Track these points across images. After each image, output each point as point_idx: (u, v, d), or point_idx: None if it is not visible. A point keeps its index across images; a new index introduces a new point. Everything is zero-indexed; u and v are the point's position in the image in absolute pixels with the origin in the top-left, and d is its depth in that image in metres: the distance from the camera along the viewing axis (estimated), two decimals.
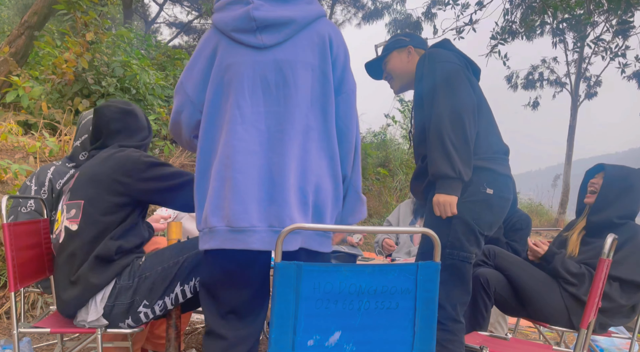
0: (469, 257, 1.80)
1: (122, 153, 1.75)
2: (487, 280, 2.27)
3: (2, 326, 2.87)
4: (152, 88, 6.06)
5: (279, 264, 1.16)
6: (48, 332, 1.71)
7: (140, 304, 1.68)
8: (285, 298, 1.17)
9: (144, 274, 1.70)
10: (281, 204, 1.38)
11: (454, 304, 1.81)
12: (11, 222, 1.80)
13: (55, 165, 2.30)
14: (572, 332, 2.25)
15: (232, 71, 1.43)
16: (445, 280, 1.80)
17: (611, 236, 1.85)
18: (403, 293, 1.24)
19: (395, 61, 2.11)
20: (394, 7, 13.74)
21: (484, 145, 1.85)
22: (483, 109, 1.91)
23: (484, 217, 1.79)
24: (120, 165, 1.70)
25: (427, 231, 1.24)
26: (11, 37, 5.75)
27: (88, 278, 1.64)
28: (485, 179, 1.80)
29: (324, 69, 1.46)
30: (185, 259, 1.73)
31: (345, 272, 1.19)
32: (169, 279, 1.71)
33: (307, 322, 1.18)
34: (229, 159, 1.39)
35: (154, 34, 16.77)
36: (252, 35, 1.42)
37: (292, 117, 1.41)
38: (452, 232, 1.78)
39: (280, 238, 1.17)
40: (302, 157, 1.41)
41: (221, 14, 1.48)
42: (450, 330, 1.79)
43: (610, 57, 10.77)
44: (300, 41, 1.44)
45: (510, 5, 8.95)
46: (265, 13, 1.41)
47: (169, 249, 1.78)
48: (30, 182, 2.24)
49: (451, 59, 1.85)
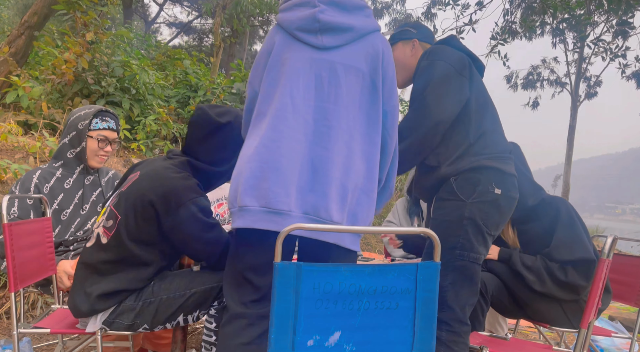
0: (478, 258, 1.78)
1: (177, 181, 1.60)
2: (484, 283, 2.26)
3: (2, 326, 2.87)
4: (152, 88, 6.07)
5: (279, 264, 1.16)
6: (48, 332, 1.71)
7: (140, 327, 1.65)
8: (285, 298, 1.16)
9: (148, 299, 1.65)
10: (320, 195, 1.41)
11: (463, 306, 1.79)
12: (11, 222, 1.79)
13: (42, 169, 2.24)
14: (572, 332, 2.25)
15: (288, 64, 1.50)
16: (455, 281, 1.79)
17: (611, 236, 1.84)
18: (403, 293, 1.24)
19: (399, 52, 2.08)
20: (394, 7, 13.76)
21: (490, 144, 1.83)
22: (488, 107, 1.89)
23: (492, 218, 1.78)
24: (163, 190, 1.58)
25: (427, 231, 1.24)
26: (11, 37, 5.75)
27: (95, 303, 1.60)
28: (493, 179, 1.78)
29: (374, 79, 1.53)
30: (193, 294, 1.67)
31: (344, 272, 1.19)
32: (173, 308, 1.66)
33: (306, 322, 1.18)
34: (275, 143, 1.42)
35: (154, 34, 16.77)
36: (314, 36, 1.51)
37: (339, 115, 1.47)
38: (463, 233, 1.76)
39: (280, 238, 1.17)
40: (347, 155, 1.46)
41: (287, 13, 1.57)
42: (457, 331, 1.77)
43: (610, 57, 10.77)
44: (356, 49, 1.52)
45: (510, 5, 8.95)
46: (329, 17, 1.50)
47: (179, 277, 1.71)
48: (16, 188, 2.17)
49: (449, 59, 1.83)
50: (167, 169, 1.64)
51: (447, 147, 1.84)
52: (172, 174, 1.62)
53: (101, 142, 2.30)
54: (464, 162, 1.81)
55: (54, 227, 2.22)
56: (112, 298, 1.62)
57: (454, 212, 1.78)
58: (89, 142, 2.28)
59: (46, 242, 2.01)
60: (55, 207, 2.21)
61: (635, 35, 8.70)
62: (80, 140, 2.26)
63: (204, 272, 1.73)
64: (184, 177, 1.62)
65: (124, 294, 1.63)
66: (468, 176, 1.80)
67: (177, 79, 7.32)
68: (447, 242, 1.76)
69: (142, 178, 1.63)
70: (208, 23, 17.79)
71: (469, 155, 1.82)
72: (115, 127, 2.37)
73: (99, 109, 2.33)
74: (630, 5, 6.87)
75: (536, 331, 3.53)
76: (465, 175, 1.80)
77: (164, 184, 1.58)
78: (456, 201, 1.78)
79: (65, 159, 2.28)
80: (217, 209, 2.87)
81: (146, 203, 1.57)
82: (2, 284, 2.99)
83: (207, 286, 1.69)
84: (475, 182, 1.77)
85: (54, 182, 2.23)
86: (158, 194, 1.57)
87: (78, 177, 2.30)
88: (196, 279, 1.69)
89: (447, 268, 1.76)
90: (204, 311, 1.71)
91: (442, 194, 1.83)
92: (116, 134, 2.36)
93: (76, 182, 2.29)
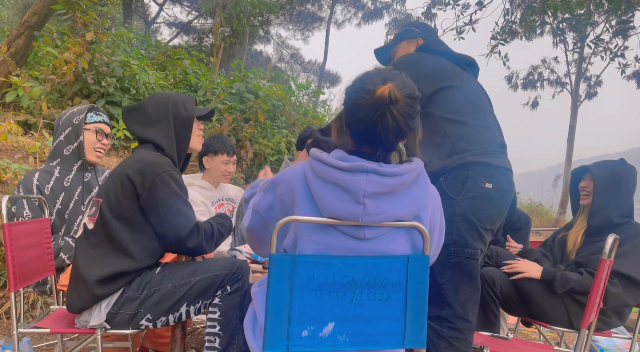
0: (474, 254, 1.78)
1: (150, 157, 1.71)
2: (492, 279, 2.27)
3: (2, 326, 2.87)
4: (151, 88, 6.06)
5: (274, 256, 1.19)
6: (48, 332, 1.70)
7: (143, 317, 1.67)
8: (280, 289, 1.19)
9: (153, 287, 1.67)
10: None
11: (463, 302, 1.79)
12: (11, 222, 1.79)
13: (39, 171, 2.25)
14: (572, 333, 2.25)
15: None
16: (453, 278, 1.78)
17: (612, 236, 1.84)
18: (394, 285, 1.26)
19: (402, 51, 2.09)
20: (394, 7, 13.76)
21: (477, 139, 1.83)
22: (474, 104, 1.89)
23: (485, 212, 1.78)
24: (139, 168, 1.67)
25: (417, 224, 1.26)
26: (11, 37, 5.74)
27: (94, 288, 1.62)
28: (483, 173, 1.78)
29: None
30: (197, 281, 1.70)
31: (338, 264, 1.22)
32: (177, 297, 1.68)
33: (301, 312, 1.21)
34: None
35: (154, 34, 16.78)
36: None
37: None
38: (455, 230, 1.76)
39: (276, 230, 1.21)
40: None
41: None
42: (458, 328, 1.77)
43: (610, 57, 10.78)
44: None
45: (510, 5, 8.95)
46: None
47: (183, 267, 1.74)
48: (18, 191, 2.19)
49: (416, 65, 1.86)
50: (140, 153, 1.75)
51: (428, 149, 1.83)
52: (145, 155, 1.73)
53: (99, 134, 2.34)
54: (450, 160, 1.82)
55: (59, 226, 2.23)
56: (111, 283, 1.63)
57: (446, 211, 1.77)
58: (86, 135, 2.30)
59: (45, 242, 2.01)
60: (59, 206, 2.22)
61: (635, 35, 8.70)
62: (77, 134, 2.28)
63: (208, 261, 1.77)
64: (157, 155, 1.75)
65: (124, 279, 1.65)
66: (456, 173, 1.81)
67: (177, 79, 7.32)
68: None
69: (119, 164, 1.74)
70: (208, 23, 17.80)
71: (455, 152, 1.82)
72: (109, 122, 2.43)
73: (91, 105, 2.38)
74: (631, 5, 6.87)
75: (536, 331, 3.53)
76: (453, 173, 1.81)
77: (140, 160, 1.69)
78: (447, 199, 1.78)
79: (62, 157, 2.29)
80: (217, 210, 2.87)
81: (124, 179, 1.66)
82: (2, 284, 2.99)
83: (211, 273, 1.72)
84: (464, 179, 1.78)
85: (54, 183, 2.23)
86: (134, 170, 1.66)
87: (77, 173, 2.31)
88: (200, 267, 1.74)
89: (443, 266, 1.77)
90: (206, 301, 1.73)
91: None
92: (109, 129, 2.42)
93: (75, 179, 2.30)
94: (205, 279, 1.71)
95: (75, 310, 1.68)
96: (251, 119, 6.62)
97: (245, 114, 6.71)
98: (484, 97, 1.96)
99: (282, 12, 19.57)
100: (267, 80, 9.09)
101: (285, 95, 7.72)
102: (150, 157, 1.70)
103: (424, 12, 10.50)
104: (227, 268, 1.73)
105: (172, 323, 1.73)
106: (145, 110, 1.84)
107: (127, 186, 1.65)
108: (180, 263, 1.77)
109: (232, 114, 6.48)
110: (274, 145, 6.64)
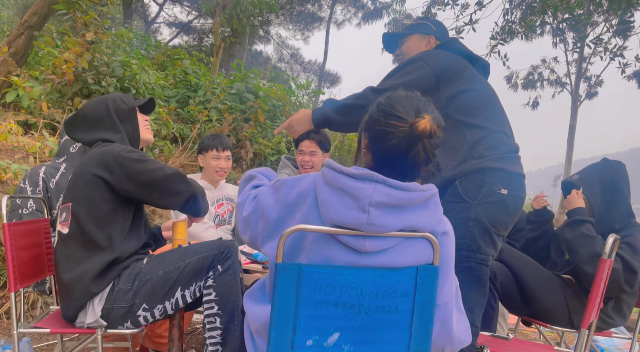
0: (485, 259, 1.78)
1: (103, 148, 1.73)
2: (493, 272, 2.27)
3: (2, 326, 2.87)
4: (151, 88, 6.06)
5: (280, 265, 1.16)
6: (48, 332, 1.70)
7: (139, 307, 1.67)
8: (285, 298, 1.16)
9: (144, 277, 1.68)
10: None
11: (471, 307, 1.77)
12: (11, 222, 1.79)
13: (46, 165, 2.29)
14: (572, 333, 2.25)
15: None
16: (461, 283, 1.78)
17: (612, 236, 1.84)
18: (403, 297, 1.23)
19: (413, 44, 2.06)
20: (393, 7, 13.76)
21: (494, 144, 1.82)
22: (492, 107, 1.88)
23: (500, 218, 1.77)
24: (100, 160, 1.69)
25: (428, 235, 1.23)
26: (11, 37, 5.74)
27: (84, 285, 1.62)
28: (499, 179, 1.77)
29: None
30: (187, 264, 1.72)
31: (346, 275, 1.18)
32: (170, 283, 1.69)
33: (306, 322, 1.18)
34: None
35: (154, 34, 16.77)
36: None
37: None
38: (469, 235, 1.75)
39: (283, 238, 1.17)
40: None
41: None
42: None
43: (610, 57, 10.78)
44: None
45: (510, 5, 8.95)
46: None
47: (170, 253, 1.76)
48: (24, 184, 2.22)
49: (433, 64, 1.83)
50: (92, 150, 1.77)
51: (445, 151, 1.82)
52: (96, 149, 1.75)
53: None
54: (468, 164, 1.80)
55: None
56: (100, 279, 1.64)
57: (460, 214, 1.77)
58: None
59: (45, 242, 2.01)
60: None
61: (635, 35, 8.70)
62: None
63: (193, 245, 1.79)
64: (107, 144, 1.76)
65: (111, 272, 1.66)
66: (473, 177, 1.79)
67: (177, 79, 7.32)
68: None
69: (76, 168, 1.76)
70: (208, 23, 17.79)
71: (472, 157, 1.81)
72: None
73: None
74: (630, 5, 6.87)
75: (536, 331, 3.53)
76: (469, 177, 1.80)
77: (94, 155, 1.71)
78: (462, 203, 1.78)
79: (69, 154, 2.32)
80: (217, 209, 2.87)
81: (90, 177, 1.67)
82: (2, 284, 2.99)
83: (199, 255, 1.73)
84: (480, 184, 1.77)
85: (59, 178, 2.26)
86: (94, 164, 1.68)
87: None
88: (187, 252, 1.75)
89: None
90: (200, 283, 1.74)
91: (449, 197, 1.83)
92: None
93: None
94: (194, 262, 1.72)
95: (70, 315, 1.68)
96: (251, 119, 6.61)
97: (245, 114, 6.71)
98: (499, 101, 1.95)
99: (282, 12, 19.58)
100: (267, 80, 9.08)
101: (285, 95, 7.71)
102: (102, 149, 1.72)
103: (424, 12, 10.50)
104: (215, 248, 1.75)
105: (170, 311, 1.73)
106: (86, 116, 1.86)
107: (96, 182, 1.67)
108: (167, 251, 1.79)
109: (232, 114, 6.48)
110: (274, 145, 6.63)
